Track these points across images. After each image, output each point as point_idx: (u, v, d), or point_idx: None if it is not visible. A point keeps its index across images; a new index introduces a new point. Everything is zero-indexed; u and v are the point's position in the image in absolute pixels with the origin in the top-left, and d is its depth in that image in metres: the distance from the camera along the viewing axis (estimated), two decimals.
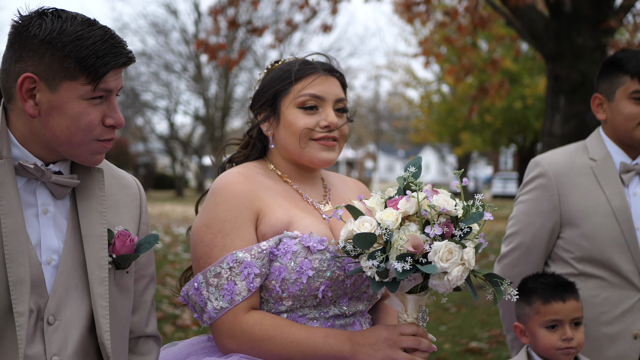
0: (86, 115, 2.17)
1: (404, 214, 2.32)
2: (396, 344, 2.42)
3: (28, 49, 2.14)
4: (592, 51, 10.21)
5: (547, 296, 3.09)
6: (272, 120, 2.74)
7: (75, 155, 2.24)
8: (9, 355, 2.12)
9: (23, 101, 2.15)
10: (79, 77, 2.14)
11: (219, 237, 2.53)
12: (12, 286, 2.10)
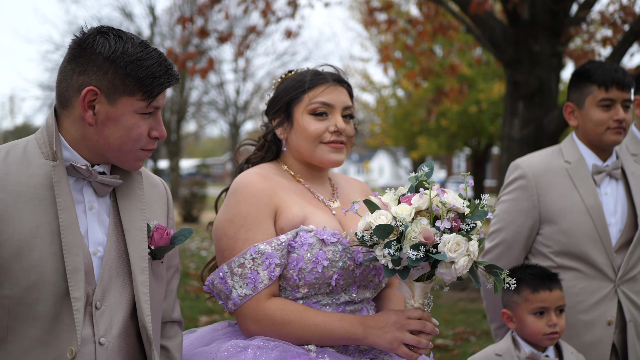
0: (137, 127, 2.41)
1: (416, 209, 2.58)
2: (404, 327, 2.68)
3: (92, 64, 2.36)
4: (549, 58, 10.57)
5: (536, 285, 3.38)
6: (285, 126, 2.99)
7: (121, 161, 2.48)
8: (64, 336, 2.33)
9: (84, 111, 2.38)
10: (137, 93, 2.38)
11: (241, 231, 2.78)
12: (69, 274, 2.32)
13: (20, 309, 2.32)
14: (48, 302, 2.33)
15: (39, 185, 2.37)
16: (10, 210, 2.32)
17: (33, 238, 2.33)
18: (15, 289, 2.31)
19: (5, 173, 2.36)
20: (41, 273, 2.32)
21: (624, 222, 3.74)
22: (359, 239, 2.65)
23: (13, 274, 2.31)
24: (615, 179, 3.78)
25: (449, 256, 2.52)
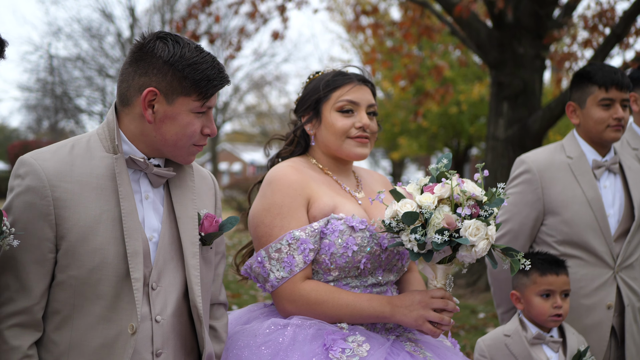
0: (192, 125, 2.63)
1: (439, 198, 2.82)
2: (428, 305, 2.91)
3: (153, 67, 2.58)
4: (533, 60, 10.78)
5: (544, 269, 3.62)
6: (314, 122, 3.22)
7: (175, 155, 2.70)
8: (124, 314, 2.55)
9: (144, 109, 2.60)
10: (192, 94, 2.60)
11: (277, 219, 3.00)
12: (129, 257, 2.54)
13: (85, 289, 2.54)
14: (110, 282, 2.54)
15: (101, 175, 2.59)
16: (76, 199, 2.54)
17: (96, 224, 2.54)
18: (81, 270, 2.53)
19: (71, 165, 2.58)
20: (104, 256, 2.53)
21: (622, 213, 4.00)
22: (386, 226, 2.88)
23: (79, 257, 2.52)
24: (613, 173, 4.04)
25: (470, 240, 2.75)
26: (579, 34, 12.85)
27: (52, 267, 2.54)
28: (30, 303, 2.52)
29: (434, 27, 14.01)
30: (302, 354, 2.79)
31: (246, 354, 2.85)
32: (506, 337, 3.68)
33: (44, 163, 2.55)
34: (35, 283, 2.53)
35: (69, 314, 2.55)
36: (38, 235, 2.51)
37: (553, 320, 3.63)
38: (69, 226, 2.52)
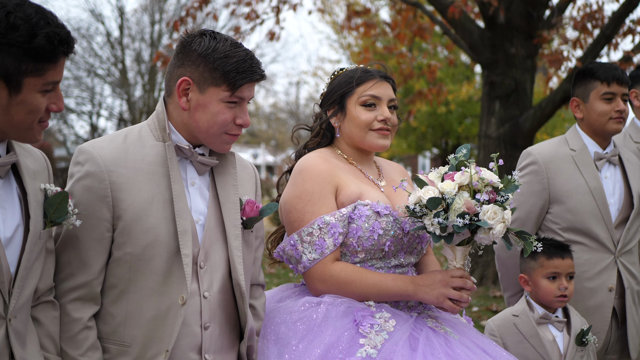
0: (222, 114, 2.85)
1: (459, 184, 3.06)
2: (448, 284, 3.15)
3: (188, 59, 2.82)
4: (524, 60, 11.04)
5: (551, 253, 3.87)
6: (339, 115, 3.45)
7: (210, 143, 2.92)
8: (175, 287, 2.78)
9: (179, 97, 2.84)
10: (222, 85, 2.82)
11: (308, 205, 3.23)
12: (180, 235, 2.77)
13: (140, 264, 2.77)
14: (162, 258, 2.78)
15: (152, 162, 2.82)
16: (130, 183, 2.77)
17: (149, 205, 2.78)
18: (136, 247, 2.76)
19: (125, 152, 2.81)
20: (156, 234, 2.77)
21: (622, 202, 4.26)
22: (410, 211, 3.11)
23: (134, 235, 2.76)
24: (613, 164, 4.31)
25: (489, 223, 2.99)
26: (568, 34, 13.13)
27: (109, 245, 2.78)
28: (90, 278, 2.76)
29: (425, 28, 14.24)
30: (335, 328, 3.02)
31: (283, 329, 3.08)
32: (514, 317, 3.92)
33: (101, 151, 2.79)
34: (94, 260, 2.76)
35: (125, 288, 2.78)
36: (97, 215, 2.75)
37: (559, 300, 3.88)
38: (124, 207, 2.75)
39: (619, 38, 11.24)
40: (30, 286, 2.56)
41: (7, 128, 2.45)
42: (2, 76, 2.36)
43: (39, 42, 2.36)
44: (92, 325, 2.77)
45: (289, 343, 3.02)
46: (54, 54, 2.40)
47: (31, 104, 2.43)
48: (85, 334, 2.74)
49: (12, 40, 2.33)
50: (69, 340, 2.72)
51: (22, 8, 2.36)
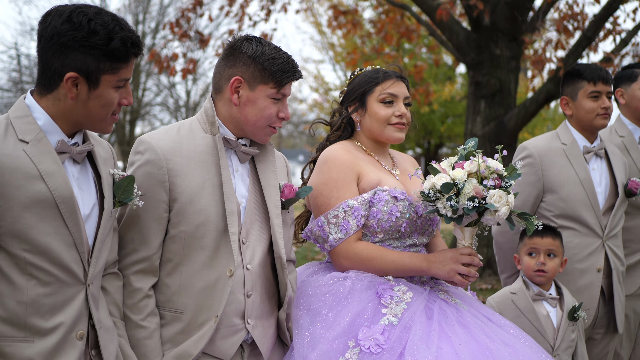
0: (269, 109, 3.27)
1: (468, 172, 3.45)
2: (458, 261, 3.55)
3: (239, 60, 3.23)
4: (508, 61, 11.40)
5: (533, 233, 4.27)
6: (360, 111, 3.84)
7: (255, 134, 3.32)
8: (222, 261, 3.18)
9: (232, 94, 3.24)
10: (270, 83, 3.24)
11: (334, 191, 3.62)
12: (228, 216, 3.17)
13: (193, 241, 3.17)
14: (212, 236, 3.17)
15: (202, 152, 3.22)
16: (184, 170, 3.17)
17: (201, 190, 3.17)
18: (189, 226, 3.16)
19: (180, 143, 3.21)
20: (207, 215, 3.16)
21: (608, 191, 4.69)
22: (424, 196, 3.51)
23: (188, 215, 3.15)
24: (600, 157, 4.74)
25: (495, 206, 3.39)
26: (550, 34, 13.53)
27: (166, 224, 3.17)
28: (150, 253, 3.15)
29: (411, 29, 14.63)
30: (360, 300, 3.41)
31: (314, 300, 3.46)
32: (512, 294, 4.33)
33: (159, 141, 3.18)
34: (154, 237, 3.15)
35: (179, 262, 3.18)
36: (156, 198, 3.14)
37: (537, 275, 4.31)
38: (180, 191, 3.15)
39: (600, 40, 11.68)
40: (103, 257, 2.94)
41: (85, 119, 2.83)
42: (83, 73, 2.74)
43: (115, 45, 2.74)
44: (151, 295, 3.16)
45: (319, 312, 3.41)
46: (127, 55, 2.79)
47: (106, 98, 2.81)
48: (145, 302, 3.13)
49: (93, 43, 2.72)
50: (132, 307, 3.11)
51: (101, 15, 2.75)
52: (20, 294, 2.70)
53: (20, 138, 2.73)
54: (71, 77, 2.74)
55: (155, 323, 3.14)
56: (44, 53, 2.76)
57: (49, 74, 2.77)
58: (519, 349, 3.42)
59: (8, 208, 2.65)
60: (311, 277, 3.65)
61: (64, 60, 2.73)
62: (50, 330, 2.73)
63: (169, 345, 3.15)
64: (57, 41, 2.72)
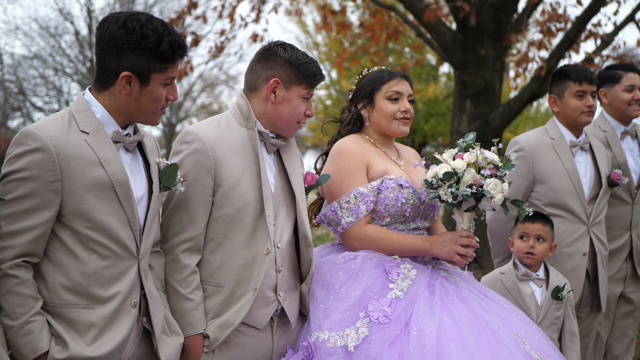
0: (299, 107, 3.68)
1: (467, 163, 3.82)
2: (457, 242, 3.93)
3: (277, 63, 3.63)
4: (493, 61, 11.72)
5: (524, 219, 4.68)
6: (369, 107, 4.21)
7: (284, 129, 3.72)
8: (259, 241, 3.57)
9: (270, 93, 3.63)
10: (303, 84, 3.64)
11: (346, 179, 3.99)
12: (265, 200, 3.57)
13: (233, 223, 3.55)
14: (250, 218, 3.56)
15: (240, 143, 3.61)
16: (227, 159, 3.55)
17: (241, 177, 3.56)
18: (231, 209, 3.55)
19: (221, 135, 3.59)
20: (247, 199, 3.56)
21: (592, 181, 5.11)
22: (428, 183, 3.88)
23: (230, 200, 3.54)
24: (585, 151, 5.15)
25: (491, 193, 3.76)
26: (532, 35, 13.92)
27: (210, 207, 3.55)
28: (197, 233, 3.52)
29: (398, 30, 14.97)
30: (369, 276, 3.78)
31: (328, 277, 3.83)
32: (501, 274, 4.74)
33: (204, 133, 3.56)
34: (201, 218, 3.52)
35: (221, 241, 3.56)
36: (203, 184, 3.51)
37: (526, 257, 4.73)
38: (224, 177, 3.53)
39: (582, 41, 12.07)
40: (152, 236, 3.32)
41: (137, 113, 3.21)
42: (136, 73, 3.12)
43: (164, 47, 3.13)
44: (197, 271, 3.53)
45: (333, 287, 3.78)
46: (174, 56, 3.17)
47: (156, 94, 3.19)
48: (192, 277, 3.50)
49: (145, 46, 3.10)
50: (180, 281, 3.48)
51: (151, 22, 3.13)
52: (83, 267, 3.08)
53: (82, 129, 3.12)
54: (125, 75, 3.12)
55: (200, 296, 3.51)
56: (102, 55, 3.14)
57: (105, 73, 3.15)
58: (511, 320, 3.80)
59: (73, 191, 3.04)
60: (325, 257, 4.01)
61: (119, 61, 3.11)
62: (108, 298, 3.12)
63: (211, 316, 3.53)
64: (113, 44, 3.10)
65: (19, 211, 3.00)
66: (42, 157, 3.00)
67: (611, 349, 5.50)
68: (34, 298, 3.03)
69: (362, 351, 3.54)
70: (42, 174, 3.00)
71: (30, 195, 3.00)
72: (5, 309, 3.00)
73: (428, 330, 3.57)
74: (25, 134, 3.04)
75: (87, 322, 3.07)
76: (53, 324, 3.06)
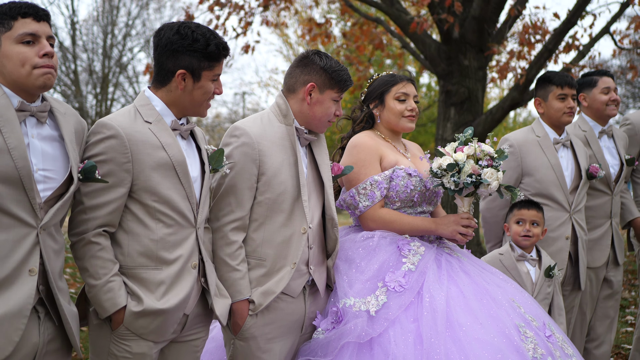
0: (330, 108, 4.25)
1: (467, 155, 4.44)
2: (459, 223, 4.56)
3: (313, 70, 4.20)
4: (476, 71, 12.27)
5: (520, 206, 5.34)
6: (379, 107, 4.82)
7: (317, 127, 4.29)
8: (296, 222, 4.13)
9: (306, 95, 4.21)
10: (335, 88, 4.21)
11: (362, 169, 4.59)
12: (301, 187, 4.13)
13: (274, 206, 4.12)
14: (288, 202, 4.13)
15: (280, 137, 4.18)
16: (269, 151, 4.11)
17: (281, 167, 4.12)
18: (273, 194, 4.11)
19: (264, 130, 4.16)
20: (286, 186, 4.12)
21: (573, 174, 5.76)
22: (433, 173, 4.49)
23: (272, 186, 4.10)
24: (566, 147, 5.81)
25: (488, 180, 4.37)
26: (512, 47, 14.54)
27: (255, 192, 4.10)
28: (243, 214, 4.09)
29: (385, 42, 15.55)
30: (385, 252, 4.39)
31: (350, 253, 4.43)
32: (500, 255, 5.34)
33: (251, 128, 4.13)
34: (247, 201, 4.09)
35: (263, 221, 4.13)
36: (249, 172, 4.06)
37: (523, 239, 5.34)
38: (267, 167, 4.09)
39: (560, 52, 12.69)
40: (206, 209, 3.90)
41: (189, 105, 3.80)
42: (189, 70, 3.72)
43: (211, 49, 3.72)
44: (243, 246, 4.09)
45: (354, 261, 4.38)
46: (219, 56, 3.76)
47: (206, 88, 3.78)
48: (239, 252, 4.06)
49: (196, 48, 3.70)
50: (230, 255, 4.04)
51: (200, 28, 3.74)
52: (152, 234, 3.67)
53: (145, 120, 3.71)
54: (181, 73, 3.72)
55: (246, 268, 4.08)
56: (160, 57, 3.75)
57: (163, 72, 3.75)
58: (507, 289, 4.42)
59: (141, 170, 3.63)
60: (345, 237, 4.61)
61: (175, 62, 3.71)
62: (173, 260, 3.70)
63: (254, 285, 4.09)
64: (169, 48, 3.71)
65: (99, 188, 3.58)
66: (116, 142, 3.60)
67: (594, 328, 6.15)
68: (112, 262, 3.61)
69: (382, 315, 4.14)
70: (117, 157, 3.60)
71: (107, 175, 3.57)
72: (89, 271, 3.59)
73: (438, 297, 4.17)
74: (101, 124, 3.64)
75: (156, 280, 3.65)
76: (128, 284, 3.64)
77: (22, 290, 3.29)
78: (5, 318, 3.23)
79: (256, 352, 4.09)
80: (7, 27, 3.33)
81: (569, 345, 4.38)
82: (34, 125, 3.42)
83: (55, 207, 3.40)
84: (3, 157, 3.23)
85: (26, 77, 3.34)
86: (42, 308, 3.41)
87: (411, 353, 3.99)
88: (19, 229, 3.29)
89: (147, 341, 3.66)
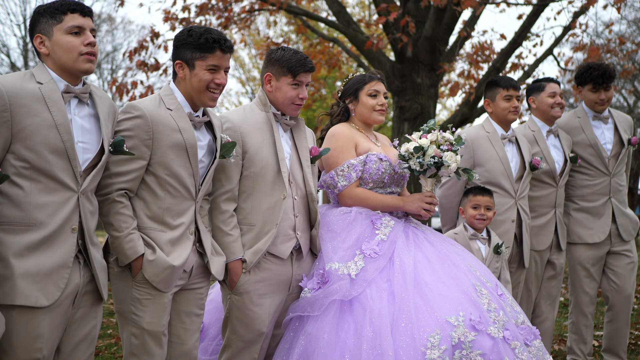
0: (289, 92, 4.91)
1: (430, 140, 5.17)
2: (423, 200, 5.29)
3: (270, 62, 4.91)
4: (428, 88, 12.88)
5: (475, 192, 6.09)
6: (354, 102, 5.54)
7: (285, 110, 4.97)
8: (278, 191, 4.81)
9: (267, 84, 4.91)
10: (288, 75, 4.88)
11: (340, 154, 5.30)
12: (280, 161, 4.82)
13: (258, 178, 4.80)
14: (271, 175, 4.81)
15: (260, 122, 4.88)
16: (251, 134, 4.81)
17: (262, 145, 4.81)
18: (256, 169, 4.79)
19: (246, 117, 4.86)
20: (267, 161, 4.80)
21: (518, 165, 6.54)
22: (401, 156, 5.20)
23: (255, 161, 4.78)
24: (512, 142, 6.60)
25: (448, 162, 5.10)
26: (461, 67, 15.31)
27: (241, 167, 4.78)
28: (232, 187, 4.77)
29: (338, 59, 16.22)
30: (361, 225, 5.10)
31: (331, 225, 5.13)
32: (455, 234, 6.06)
33: (233, 117, 4.82)
34: (235, 176, 4.77)
35: (250, 192, 4.80)
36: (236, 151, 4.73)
37: (478, 222, 6.06)
38: (249, 146, 4.78)
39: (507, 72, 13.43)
40: (205, 188, 4.55)
41: (193, 93, 4.45)
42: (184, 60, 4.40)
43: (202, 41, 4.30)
44: (234, 214, 4.77)
45: (335, 231, 5.08)
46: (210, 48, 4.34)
47: (200, 76, 4.41)
48: (231, 219, 4.74)
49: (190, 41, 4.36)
50: (222, 222, 4.72)
51: (199, 27, 4.40)
52: (160, 202, 4.34)
53: (167, 107, 4.39)
54: (178, 63, 4.43)
55: (238, 232, 4.75)
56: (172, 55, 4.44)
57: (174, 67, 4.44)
58: (465, 256, 5.17)
59: (159, 147, 4.30)
60: (326, 211, 5.30)
61: (176, 55, 4.44)
62: (176, 226, 4.38)
63: (247, 247, 4.76)
64: (174, 45, 4.45)
65: (124, 159, 4.24)
66: (141, 122, 4.27)
67: (539, 305, 6.90)
68: (132, 218, 4.28)
69: (361, 277, 4.85)
70: (140, 134, 4.27)
71: (131, 148, 4.23)
72: (114, 225, 4.23)
73: (407, 261, 4.90)
74: (130, 106, 4.31)
75: (162, 240, 4.31)
76: (144, 237, 4.30)
77: (66, 245, 3.93)
78: (54, 269, 3.88)
79: (249, 305, 4.75)
80: (59, 20, 4.00)
81: (517, 305, 5.10)
82: (76, 105, 4.06)
83: (92, 174, 4.05)
84: (52, 132, 3.88)
85: (73, 62, 4.00)
86: (82, 256, 4.06)
87: (385, 307, 4.69)
88: (63, 192, 3.93)
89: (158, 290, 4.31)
